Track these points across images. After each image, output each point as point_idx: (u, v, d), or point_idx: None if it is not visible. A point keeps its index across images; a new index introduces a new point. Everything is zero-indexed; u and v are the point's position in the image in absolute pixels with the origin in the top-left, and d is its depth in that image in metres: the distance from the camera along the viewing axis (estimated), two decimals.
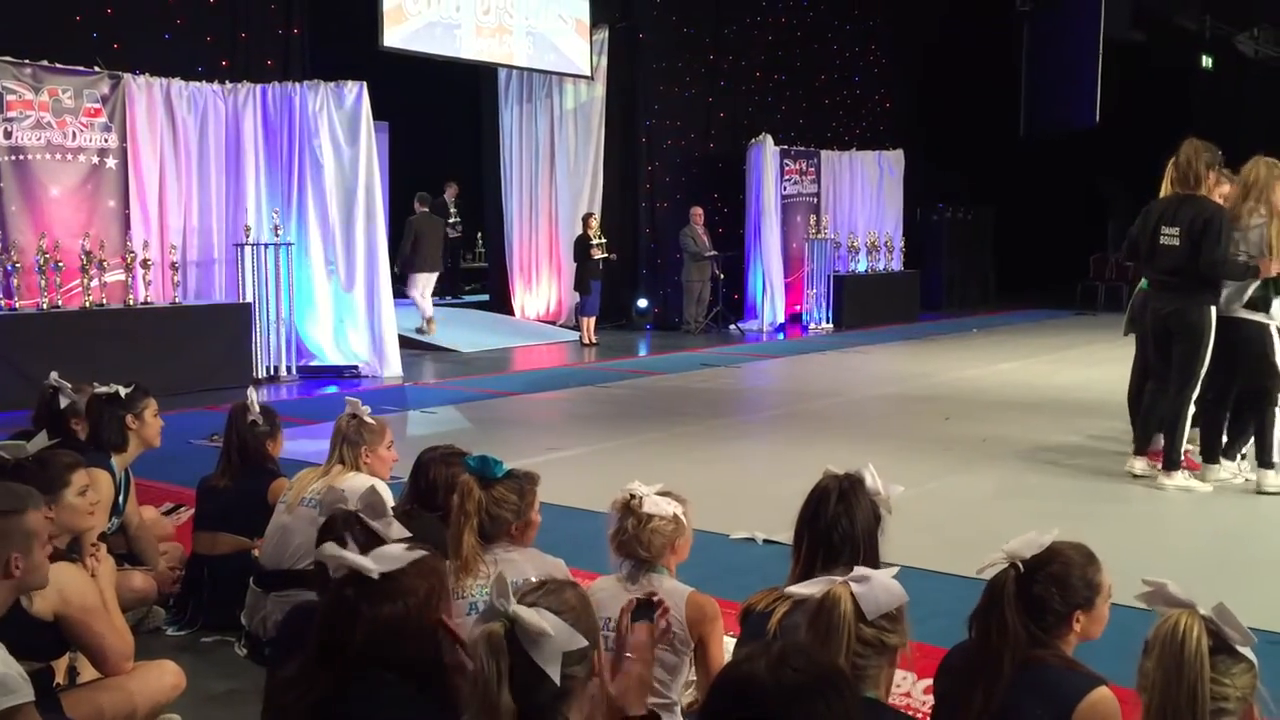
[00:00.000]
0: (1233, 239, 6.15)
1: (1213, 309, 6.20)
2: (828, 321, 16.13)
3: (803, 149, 17.03)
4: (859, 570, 2.28)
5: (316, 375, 11.03)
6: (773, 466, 7.05)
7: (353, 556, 2.22)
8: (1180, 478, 6.38)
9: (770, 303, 16.09)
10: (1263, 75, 21.64)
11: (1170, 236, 6.23)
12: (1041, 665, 2.44)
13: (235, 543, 4.37)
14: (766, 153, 15.94)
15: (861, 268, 17.04)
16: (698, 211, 15.39)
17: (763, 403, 10.80)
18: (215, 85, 10.81)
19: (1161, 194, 6.43)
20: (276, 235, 10.77)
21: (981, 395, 10.07)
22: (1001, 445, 7.69)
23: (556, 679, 1.94)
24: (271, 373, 10.74)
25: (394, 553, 2.26)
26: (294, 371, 10.94)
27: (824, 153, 17.35)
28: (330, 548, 2.25)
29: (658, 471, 6.44)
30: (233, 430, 4.52)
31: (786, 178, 16.54)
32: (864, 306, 16.39)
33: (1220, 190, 6.45)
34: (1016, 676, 2.42)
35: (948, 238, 19.42)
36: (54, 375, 4.79)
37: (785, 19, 17.48)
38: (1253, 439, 6.49)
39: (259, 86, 10.97)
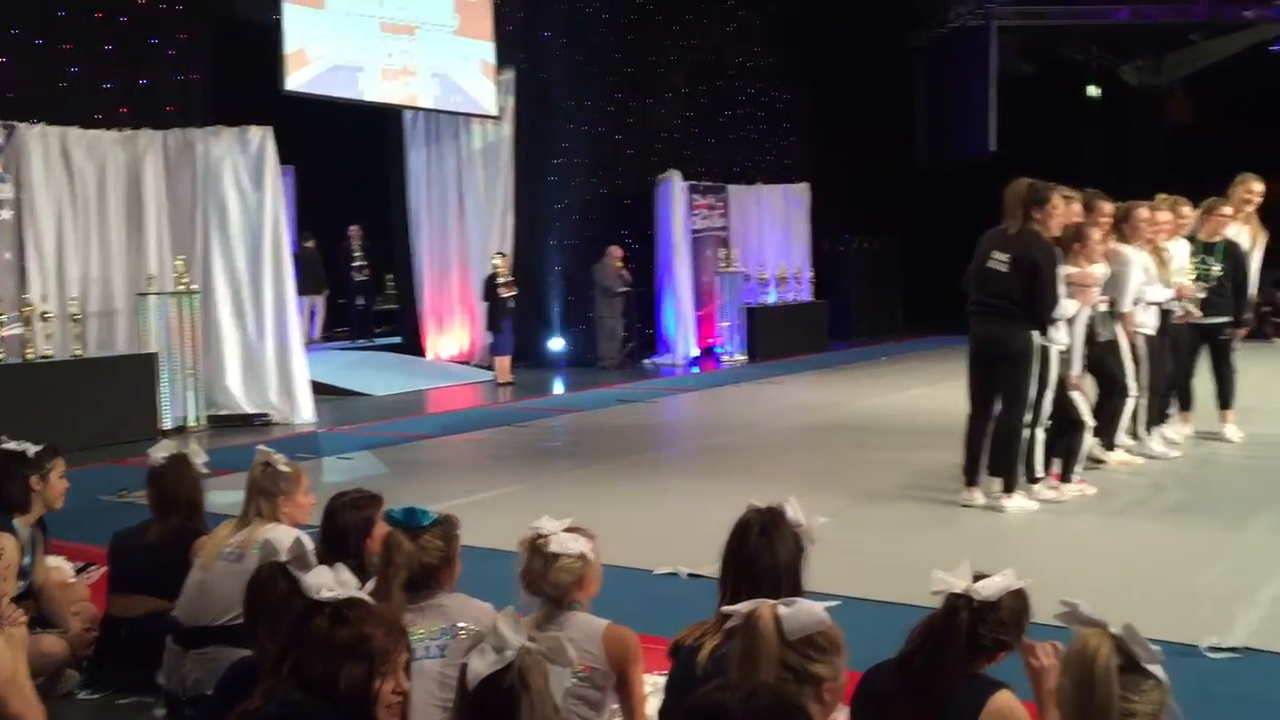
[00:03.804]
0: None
1: (1034, 334, 6.44)
2: (741, 353, 16.30)
3: (710, 184, 17.25)
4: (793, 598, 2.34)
5: (227, 424, 10.82)
6: (693, 500, 7.09)
7: (327, 576, 2.35)
8: (1021, 499, 6.56)
9: (683, 337, 16.22)
10: (1145, 103, 22.58)
11: (999, 263, 6.46)
12: None
13: (155, 604, 4.22)
14: (675, 188, 16.12)
15: (772, 299, 17.28)
16: (615, 250, 15.49)
17: (681, 437, 10.87)
18: (114, 132, 10.61)
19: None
20: (181, 284, 10.58)
21: (893, 422, 10.27)
22: (914, 469, 7.83)
23: (560, 705, 2.02)
24: (180, 424, 10.51)
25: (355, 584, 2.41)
26: (203, 421, 10.72)
27: (731, 187, 17.60)
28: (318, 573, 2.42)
29: (578, 510, 6.43)
30: (168, 485, 4.33)
31: (695, 212, 16.73)
32: (776, 338, 16.61)
33: (1072, 211, 6.72)
34: None
35: (855, 268, 19.79)
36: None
37: (689, 57, 17.74)
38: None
39: (160, 133, 10.80)
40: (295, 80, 12.59)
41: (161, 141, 10.77)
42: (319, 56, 12.88)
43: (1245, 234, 8.51)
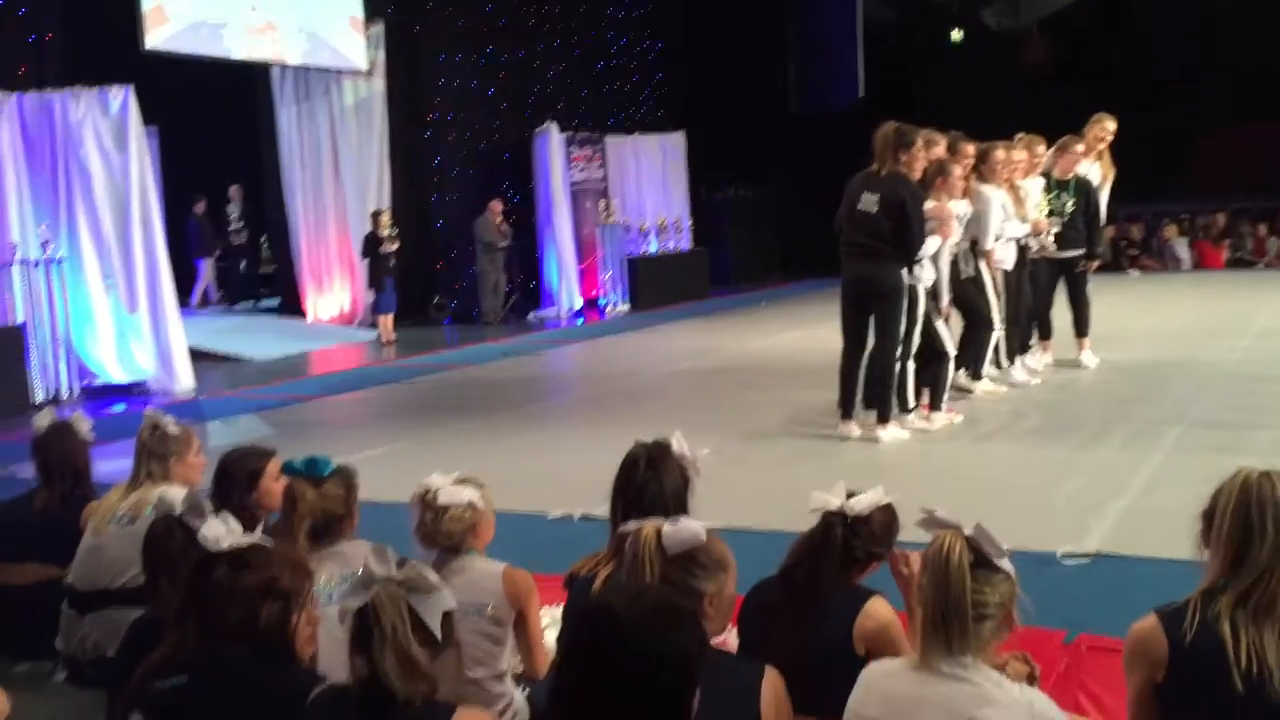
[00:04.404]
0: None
1: (904, 272, 6.76)
2: (624, 303, 16.47)
3: (587, 135, 17.28)
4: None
5: (102, 395, 10.57)
6: (583, 446, 7.24)
7: (220, 528, 2.40)
8: (894, 429, 6.90)
9: (566, 289, 16.31)
10: (1005, 46, 23.26)
11: (869, 204, 6.74)
12: None
13: (43, 572, 4.19)
14: (552, 141, 16.11)
15: (653, 249, 17.45)
16: (495, 205, 15.43)
17: (567, 387, 11.01)
18: None
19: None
20: (46, 251, 10.25)
21: (773, 364, 10.57)
22: (794, 407, 8.11)
23: (438, 633, 2.10)
24: (52, 396, 10.23)
25: (250, 534, 2.45)
26: (77, 393, 10.45)
27: (608, 138, 17.65)
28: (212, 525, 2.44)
29: (470, 461, 6.53)
30: (52, 451, 4.30)
31: (573, 164, 16.76)
32: (657, 287, 16.79)
33: (933, 154, 7.03)
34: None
35: (732, 215, 20.05)
36: None
37: (559, 8, 17.66)
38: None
39: (14, 95, 10.38)
40: (155, 38, 12.18)
41: (16, 104, 10.36)
42: (178, 13, 12.46)
43: (1096, 171, 8.95)
